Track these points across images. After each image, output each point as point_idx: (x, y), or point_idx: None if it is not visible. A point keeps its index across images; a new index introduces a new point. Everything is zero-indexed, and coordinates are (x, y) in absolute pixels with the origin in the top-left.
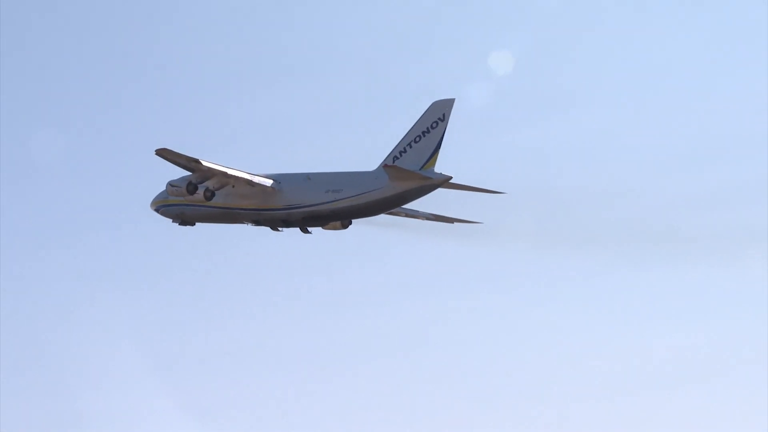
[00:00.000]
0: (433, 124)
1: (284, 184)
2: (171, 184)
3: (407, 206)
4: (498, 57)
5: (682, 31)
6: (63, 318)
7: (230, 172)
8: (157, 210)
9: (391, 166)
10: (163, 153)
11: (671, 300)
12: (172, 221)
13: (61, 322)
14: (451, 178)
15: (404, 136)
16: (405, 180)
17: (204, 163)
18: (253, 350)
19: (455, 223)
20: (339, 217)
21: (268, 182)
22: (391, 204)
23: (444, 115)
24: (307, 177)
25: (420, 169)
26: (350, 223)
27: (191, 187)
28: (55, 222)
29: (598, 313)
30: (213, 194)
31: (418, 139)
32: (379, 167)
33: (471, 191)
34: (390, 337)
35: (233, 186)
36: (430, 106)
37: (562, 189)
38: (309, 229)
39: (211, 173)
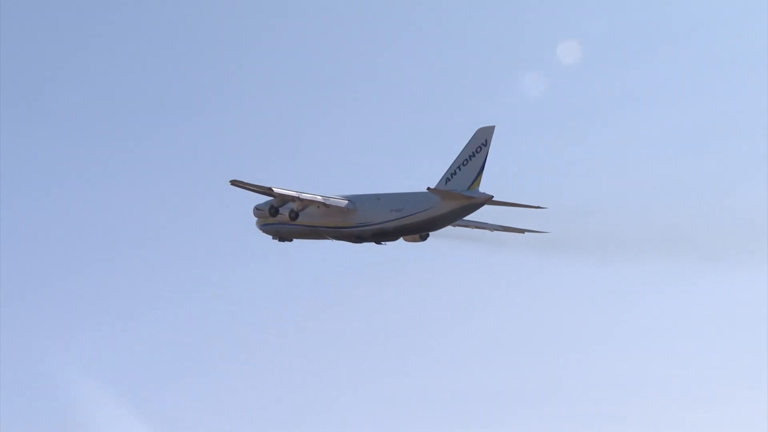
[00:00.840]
0: (478, 149)
1: (358, 204)
2: (257, 208)
3: (476, 219)
4: (566, 46)
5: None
6: (172, 327)
7: (303, 196)
8: (260, 228)
9: (434, 189)
10: (237, 183)
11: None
12: (272, 238)
13: (169, 331)
14: (492, 197)
15: (454, 160)
16: (453, 200)
17: (275, 190)
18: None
19: (525, 233)
20: (403, 233)
21: (344, 203)
22: (445, 221)
23: (486, 140)
24: (377, 198)
25: (467, 189)
26: (428, 235)
27: (273, 210)
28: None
29: (677, 318)
30: (297, 215)
31: (465, 162)
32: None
33: (514, 207)
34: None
35: (318, 207)
36: (475, 133)
37: (613, 197)
38: (384, 242)
39: (287, 198)
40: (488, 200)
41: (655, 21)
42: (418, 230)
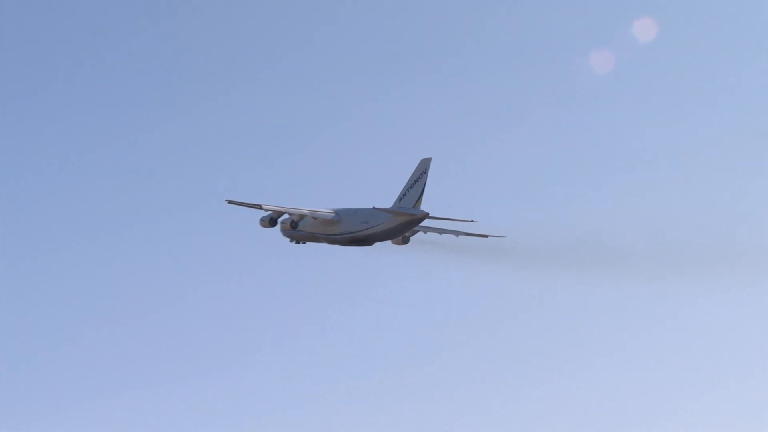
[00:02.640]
0: (420, 175)
1: (342, 216)
2: (261, 219)
3: (446, 227)
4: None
5: None
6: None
7: (290, 210)
8: (282, 233)
9: (380, 208)
10: (232, 202)
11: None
12: (289, 241)
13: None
14: (428, 214)
15: (405, 183)
16: (400, 216)
17: (264, 206)
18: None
19: (488, 237)
20: (371, 241)
21: (331, 215)
22: (398, 231)
23: (426, 169)
24: (355, 212)
25: (412, 208)
26: (408, 240)
27: (272, 222)
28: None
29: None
30: (297, 224)
31: (411, 186)
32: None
33: (447, 221)
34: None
35: (314, 218)
36: (419, 163)
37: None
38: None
39: (279, 212)
40: (426, 216)
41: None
42: (380, 238)
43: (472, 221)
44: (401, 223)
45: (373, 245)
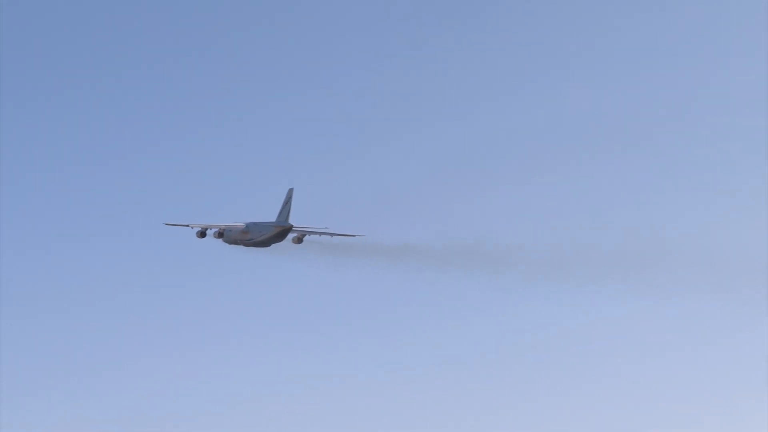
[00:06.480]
0: (288, 200)
1: (250, 227)
2: (195, 233)
3: (322, 230)
4: None
5: None
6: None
7: (212, 225)
8: (222, 240)
9: (252, 222)
10: (169, 224)
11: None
12: (228, 245)
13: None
14: (292, 226)
15: (281, 205)
16: (276, 227)
17: (191, 225)
18: None
19: (356, 236)
20: (267, 244)
21: (243, 226)
22: (279, 237)
23: (291, 196)
24: (256, 224)
25: (284, 221)
26: (302, 240)
27: (203, 234)
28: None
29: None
30: (222, 234)
31: (283, 207)
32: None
33: (309, 231)
34: None
35: (231, 230)
36: (287, 191)
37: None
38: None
39: (205, 227)
40: (291, 227)
41: None
42: (271, 242)
43: (326, 227)
44: (277, 232)
45: (270, 246)
